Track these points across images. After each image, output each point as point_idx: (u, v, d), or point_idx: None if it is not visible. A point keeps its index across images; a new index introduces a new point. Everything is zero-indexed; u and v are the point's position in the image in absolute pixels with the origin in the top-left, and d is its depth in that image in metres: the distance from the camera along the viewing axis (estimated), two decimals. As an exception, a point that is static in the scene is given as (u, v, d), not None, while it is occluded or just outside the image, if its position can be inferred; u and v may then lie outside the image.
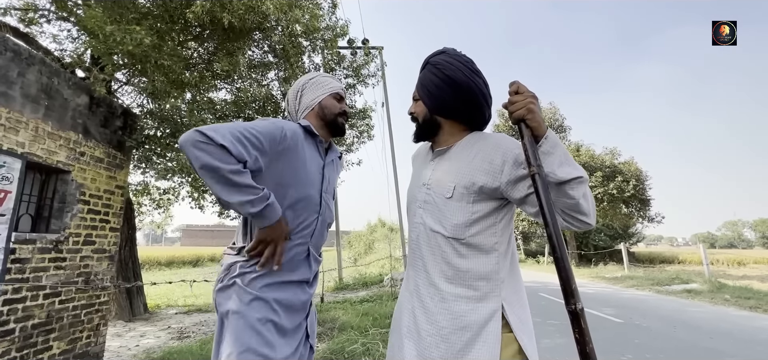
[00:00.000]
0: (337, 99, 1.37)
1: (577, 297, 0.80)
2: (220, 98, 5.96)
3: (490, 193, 1.02)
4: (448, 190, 1.05)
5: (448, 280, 1.03)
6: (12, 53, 2.95)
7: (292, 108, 1.39)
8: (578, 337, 0.79)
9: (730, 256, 25.13)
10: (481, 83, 1.10)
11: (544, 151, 0.92)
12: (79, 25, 3.83)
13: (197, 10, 3.70)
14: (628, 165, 20.55)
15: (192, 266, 25.10)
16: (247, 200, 1.03)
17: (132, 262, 6.52)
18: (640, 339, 4.91)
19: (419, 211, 1.13)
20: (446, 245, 1.04)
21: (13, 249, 2.92)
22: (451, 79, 1.08)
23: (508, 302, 1.00)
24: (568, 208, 0.93)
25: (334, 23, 5.36)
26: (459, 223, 1.02)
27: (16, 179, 2.89)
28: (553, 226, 0.85)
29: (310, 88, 1.36)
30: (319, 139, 1.32)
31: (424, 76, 1.16)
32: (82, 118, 3.61)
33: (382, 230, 28.42)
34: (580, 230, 0.97)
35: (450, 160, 1.11)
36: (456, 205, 1.03)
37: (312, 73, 1.42)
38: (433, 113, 1.14)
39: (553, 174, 0.91)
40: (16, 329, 2.94)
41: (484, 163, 1.03)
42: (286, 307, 1.15)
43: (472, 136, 1.13)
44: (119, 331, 5.57)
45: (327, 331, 4.96)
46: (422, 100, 1.16)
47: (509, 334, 0.97)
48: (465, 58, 1.13)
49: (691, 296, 8.91)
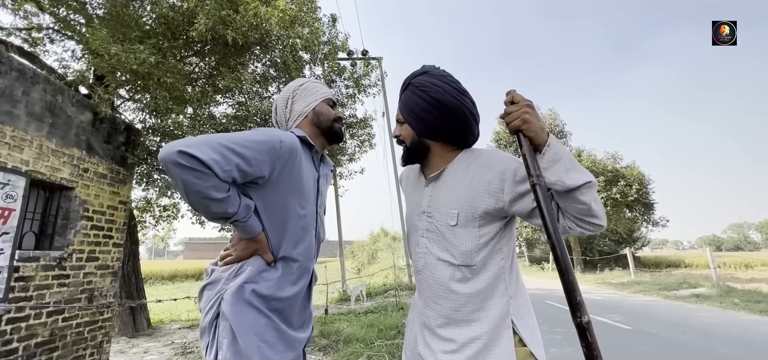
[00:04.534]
0: (331, 105, 1.30)
1: (583, 310, 0.78)
2: (222, 112, 6.01)
3: (494, 215, 1.00)
4: (452, 217, 1.02)
5: (456, 308, 1.01)
6: (17, 72, 2.99)
7: (281, 117, 1.30)
8: (586, 351, 0.78)
9: (736, 259, 24.83)
10: (469, 103, 1.07)
11: (548, 159, 0.89)
12: (84, 46, 3.88)
13: (200, 28, 3.74)
14: (630, 169, 20.46)
15: (195, 280, 25.01)
16: (225, 217, 0.99)
17: (135, 277, 6.50)
18: (649, 346, 4.83)
19: (423, 240, 1.09)
20: (454, 275, 1.01)
21: (17, 267, 2.92)
22: (439, 101, 1.04)
23: (517, 316, 1.00)
24: (580, 213, 0.90)
25: (333, 36, 5.42)
26: (468, 249, 0.99)
27: (20, 197, 2.90)
28: (556, 238, 0.82)
29: (301, 95, 1.27)
30: (315, 150, 1.23)
31: (408, 98, 1.10)
32: (86, 134, 3.63)
33: (385, 239, 28.31)
34: (593, 234, 0.94)
35: (446, 184, 1.07)
36: (462, 232, 1.00)
37: (300, 79, 1.33)
38: (421, 136, 1.10)
39: (560, 182, 0.88)
40: (19, 349, 2.92)
41: (482, 185, 1.00)
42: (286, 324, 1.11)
43: (464, 156, 1.09)
44: (122, 348, 5.53)
45: (332, 343, 4.90)
46: (408, 123, 1.11)
47: (523, 348, 0.97)
48: (450, 78, 1.09)
49: (699, 301, 8.79)
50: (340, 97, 6.76)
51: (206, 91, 4.60)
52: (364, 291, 10.26)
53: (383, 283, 13.56)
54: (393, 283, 12.72)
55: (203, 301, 1.09)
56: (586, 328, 0.77)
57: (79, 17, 4.36)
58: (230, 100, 5.79)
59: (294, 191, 1.10)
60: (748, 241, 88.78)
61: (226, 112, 5.99)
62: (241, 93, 5.43)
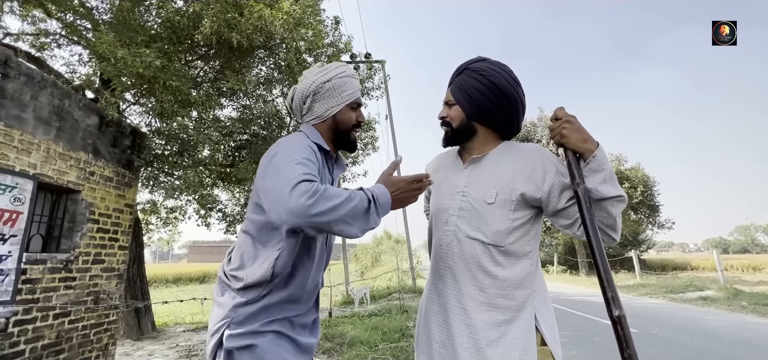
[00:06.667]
0: (354, 107, 1.19)
1: (617, 304, 0.88)
2: (226, 115, 6.04)
3: (530, 202, 1.05)
4: (490, 195, 1.05)
5: (480, 289, 1.02)
6: (25, 77, 3.02)
7: (296, 107, 1.21)
8: (618, 344, 0.87)
9: (744, 262, 24.52)
10: (521, 93, 1.13)
11: (590, 168, 0.97)
12: (91, 51, 3.92)
13: (205, 31, 3.77)
14: (634, 171, 20.34)
15: (199, 283, 25.09)
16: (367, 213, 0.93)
17: (140, 280, 6.53)
18: (657, 349, 4.77)
19: (453, 218, 1.10)
20: (484, 252, 1.03)
21: (24, 269, 2.94)
22: (496, 86, 1.09)
23: (539, 311, 1.02)
24: (604, 223, 0.99)
25: (337, 39, 5.44)
26: (501, 229, 1.03)
27: (28, 200, 2.93)
28: (595, 241, 0.92)
29: (325, 95, 1.15)
30: (330, 154, 1.19)
31: (463, 80, 1.14)
32: (92, 138, 3.67)
33: (388, 242, 28.26)
34: (605, 244, 1.00)
35: (488, 167, 1.11)
36: (498, 211, 1.04)
37: (327, 70, 1.16)
38: (470, 119, 1.14)
39: (595, 190, 0.96)
40: (26, 351, 2.94)
41: (525, 172, 1.05)
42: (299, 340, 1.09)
43: (507, 145, 1.14)
44: (127, 350, 5.55)
45: (336, 346, 4.89)
46: (461, 104, 1.14)
47: (544, 348, 0.99)
48: (507, 67, 1.14)
49: (706, 304, 8.69)
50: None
51: (211, 94, 4.64)
52: (368, 294, 10.25)
53: (387, 286, 13.53)
54: (397, 286, 12.69)
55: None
56: (618, 322, 0.86)
57: (86, 22, 4.40)
58: (235, 103, 5.83)
59: None
60: (756, 244, 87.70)
61: (230, 115, 6.03)
62: (246, 96, 5.46)
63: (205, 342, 6.24)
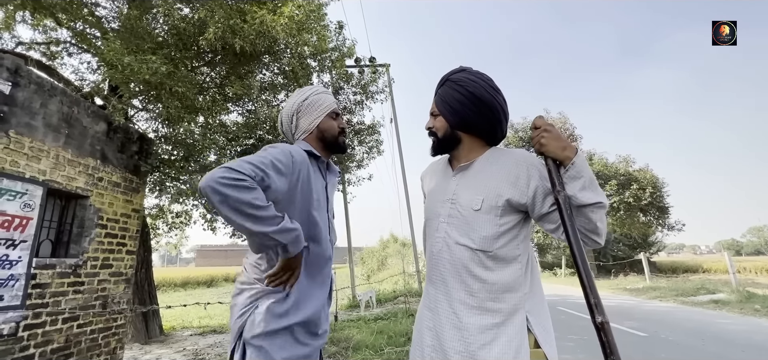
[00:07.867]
0: (334, 117, 1.34)
1: (600, 310, 0.87)
2: (232, 121, 6.10)
3: (516, 207, 1.07)
4: (476, 202, 1.08)
5: (470, 294, 1.05)
6: (35, 85, 3.09)
7: (287, 130, 1.36)
8: (601, 349, 0.86)
9: (757, 264, 23.98)
10: (501, 100, 1.15)
11: (569, 175, 0.99)
12: (100, 58, 3.99)
13: (210, 37, 3.82)
14: (643, 172, 20.06)
15: (206, 287, 25.23)
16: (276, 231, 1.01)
17: (148, 285, 6.59)
18: (666, 354, 4.69)
19: (443, 225, 1.14)
20: (472, 258, 1.05)
21: (34, 274, 2.99)
22: (475, 95, 1.12)
23: (532, 313, 1.03)
24: (585, 228, 1.00)
25: (341, 43, 5.47)
26: (487, 235, 1.05)
27: (38, 206, 2.98)
28: (576, 247, 0.92)
29: (305, 112, 1.31)
30: (322, 160, 1.31)
31: (445, 92, 1.19)
32: (100, 144, 3.73)
33: (394, 246, 28.18)
34: (588, 248, 1.03)
35: (474, 174, 1.14)
36: (484, 218, 1.06)
37: (304, 91, 1.35)
38: (454, 128, 1.17)
39: (575, 197, 0.98)
40: (35, 355, 2.98)
41: (510, 177, 1.08)
42: (311, 333, 1.18)
43: (494, 152, 1.17)
44: (135, 354, 5.60)
45: (341, 350, 4.89)
46: (443, 115, 1.19)
47: (538, 350, 1.01)
48: (486, 77, 1.17)
49: (718, 307, 8.52)
50: (348, 103, 6.79)
51: (217, 100, 4.68)
52: (374, 297, 10.23)
53: (393, 289, 13.49)
54: (403, 289, 12.65)
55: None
56: (601, 328, 0.86)
57: (95, 31, 4.49)
58: (240, 108, 5.88)
59: (309, 202, 1.18)
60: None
61: (236, 121, 6.08)
62: (251, 101, 5.50)
63: (212, 345, 6.27)
